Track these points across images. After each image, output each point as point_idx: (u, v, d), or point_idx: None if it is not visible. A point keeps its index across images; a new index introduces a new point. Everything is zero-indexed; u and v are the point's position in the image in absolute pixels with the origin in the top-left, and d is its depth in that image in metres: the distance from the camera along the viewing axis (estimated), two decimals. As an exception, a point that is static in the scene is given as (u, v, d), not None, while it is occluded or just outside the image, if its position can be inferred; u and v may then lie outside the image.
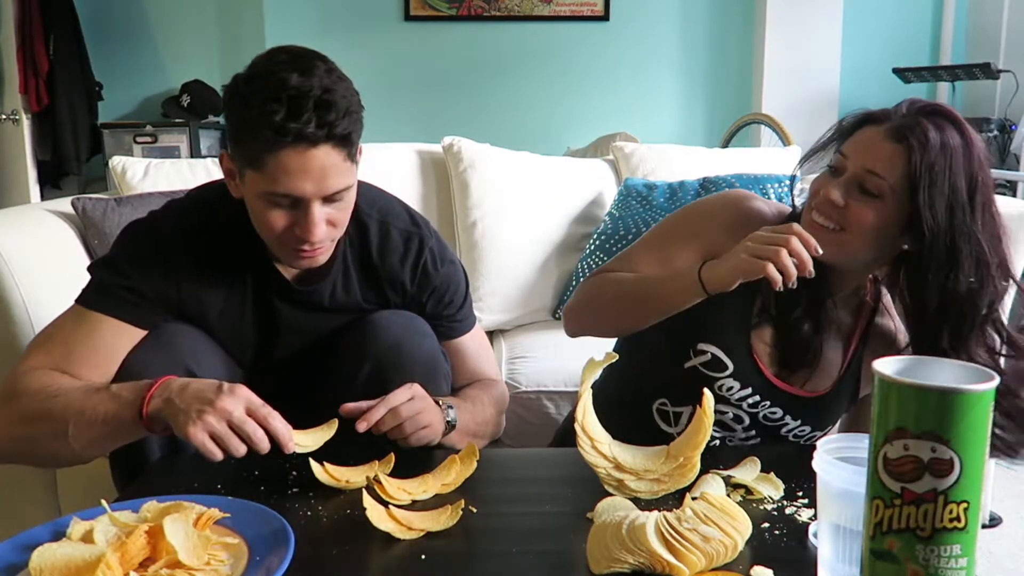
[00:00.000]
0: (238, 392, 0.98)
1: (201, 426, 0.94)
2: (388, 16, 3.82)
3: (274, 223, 1.07)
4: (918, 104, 1.07)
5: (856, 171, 1.06)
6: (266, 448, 0.97)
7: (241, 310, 1.20)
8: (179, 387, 0.99)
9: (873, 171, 1.05)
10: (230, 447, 0.95)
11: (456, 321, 1.33)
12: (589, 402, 1.02)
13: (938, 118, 1.05)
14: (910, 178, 1.03)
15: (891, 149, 1.04)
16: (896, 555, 0.63)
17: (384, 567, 0.85)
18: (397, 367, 1.16)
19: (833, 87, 3.79)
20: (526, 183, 2.17)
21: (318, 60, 1.04)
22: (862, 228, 1.06)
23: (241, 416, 0.96)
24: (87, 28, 3.62)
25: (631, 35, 3.87)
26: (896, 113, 1.07)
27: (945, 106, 1.08)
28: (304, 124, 0.99)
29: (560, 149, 3.51)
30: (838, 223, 1.07)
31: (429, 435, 1.11)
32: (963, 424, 0.59)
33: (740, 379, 1.18)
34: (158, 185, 1.97)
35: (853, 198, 1.06)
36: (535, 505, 0.98)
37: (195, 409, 0.95)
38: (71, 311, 1.14)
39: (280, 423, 0.98)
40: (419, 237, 1.26)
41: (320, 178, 1.03)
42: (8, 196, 3.54)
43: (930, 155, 1.02)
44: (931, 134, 1.03)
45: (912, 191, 1.03)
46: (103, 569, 0.74)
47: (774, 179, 2.08)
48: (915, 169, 1.02)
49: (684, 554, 0.78)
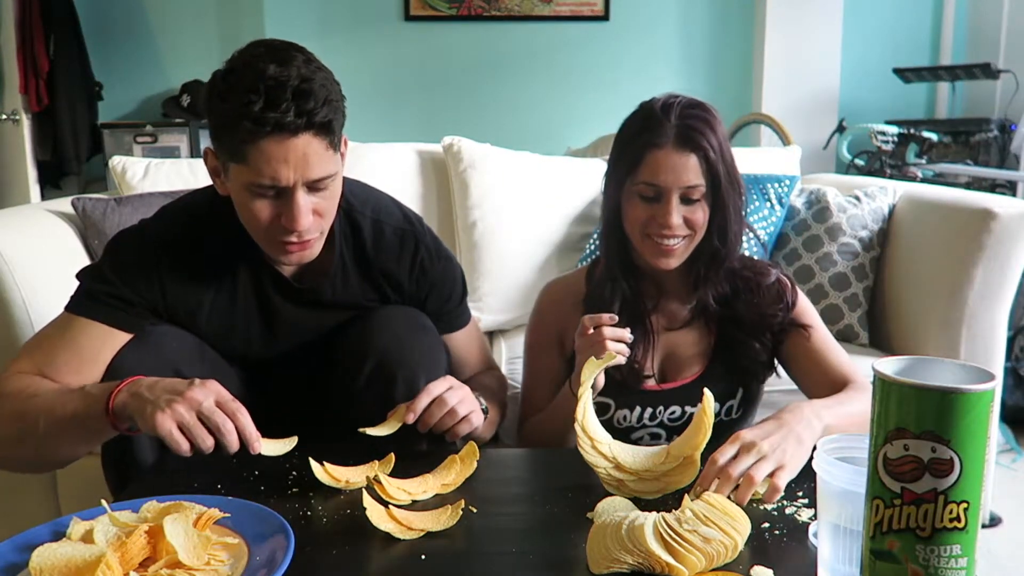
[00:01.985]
0: (209, 385, 0.98)
1: (169, 414, 0.94)
2: (388, 16, 3.82)
3: (260, 214, 1.07)
4: (676, 108, 1.20)
5: (674, 191, 1.19)
6: (235, 443, 0.96)
7: (235, 310, 1.20)
8: (149, 383, 0.99)
9: (688, 184, 1.18)
10: (197, 438, 0.94)
11: (455, 315, 1.34)
12: (589, 402, 1.02)
13: (695, 110, 1.20)
14: (712, 175, 1.19)
15: (686, 160, 1.18)
16: (896, 555, 0.63)
17: (384, 567, 0.85)
18: (399, 361, 1.16)
19: (833, 87, 3.79)
20: (526, 183, 2.17)
21: (295, 51, 1.04)
22: (702, 227, 1.22)
23: (210, 406, 0.96)
24: (87, 28, 3.61)
25: (631, 35, 3.87)
26: (667, 124, 1.19)
27: (689, 98, 1.22)
28: (283, 113, 0.99)
29: (560, 149, 3.51)
30: (686, 235, 1.22)
31: (474, 422, 1.13)
32: (963, 424, 0.59)
33: (627, 407, 1.28)
34: (158, 185, 1.97)
35: (687, 211, 1.20)
36: (535, 505, 0.98)
37: (164, 399, 0.95)
38: (59, 317, 1.15)
39: (248, 420, 0.98)
40: (413, 235, 1.27)
41: (302, 166, 1.03)
42: (8, 196, 3.54)
43: (713, 151, 1.18)
44: (706, 132, 1.18)
45: (715, 184, 1.20)
46: (103, 569, 0.74)
47: (774, 179, 2.08)
48: (712, 167, 1.18)
49: (683, 555, 0.78)
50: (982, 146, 3.25)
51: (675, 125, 1.18)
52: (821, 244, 1.96)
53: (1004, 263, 1.71)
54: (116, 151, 3.42)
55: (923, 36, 3.91)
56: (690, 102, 1.21)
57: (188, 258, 1.16)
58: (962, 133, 3.29)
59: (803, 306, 1.31)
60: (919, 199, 1.95)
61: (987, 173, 3.00)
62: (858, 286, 1.92)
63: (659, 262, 1.23)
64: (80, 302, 1.14)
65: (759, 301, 1.27)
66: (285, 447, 1.02)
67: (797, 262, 1.98)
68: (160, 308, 1.16)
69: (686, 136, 1.18)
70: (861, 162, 3.39)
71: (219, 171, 1.11)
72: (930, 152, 3.26)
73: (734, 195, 1.22)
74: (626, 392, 1.28)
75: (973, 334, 1.74)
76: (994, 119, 3.31)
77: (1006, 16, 3.60)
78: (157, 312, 1.16)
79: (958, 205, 1.80)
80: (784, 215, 2.05)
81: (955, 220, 1.78)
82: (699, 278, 1.28)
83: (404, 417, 1.08)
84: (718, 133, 1.20)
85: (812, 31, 3.74)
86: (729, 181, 1.21)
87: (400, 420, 1.09)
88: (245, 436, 0.97)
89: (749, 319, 1.27)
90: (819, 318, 1.33)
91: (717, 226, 1.23)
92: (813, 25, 3.74)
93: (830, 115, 3.71)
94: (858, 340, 1.91)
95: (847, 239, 1.95)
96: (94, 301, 1.13)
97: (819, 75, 3.78)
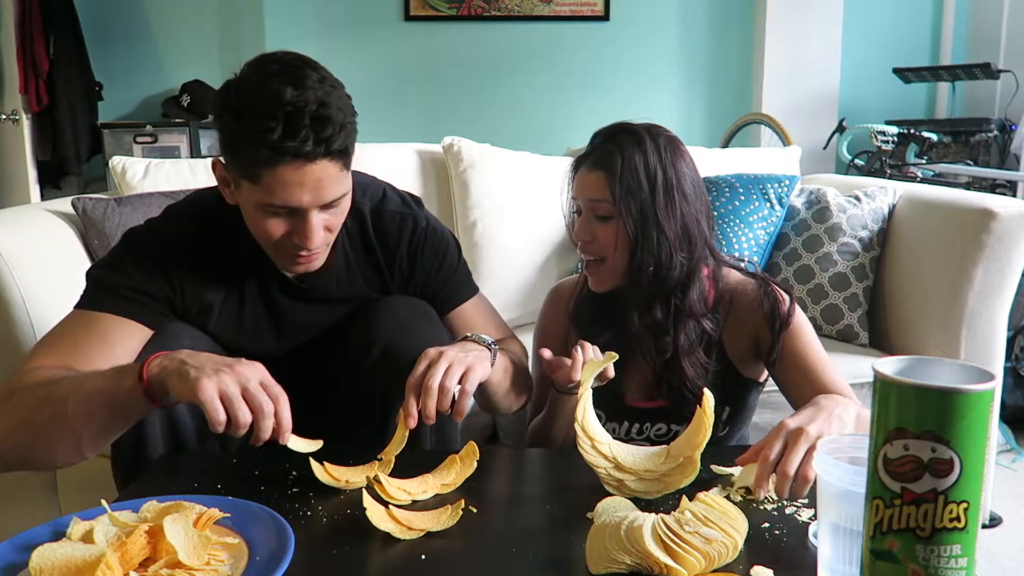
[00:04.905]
0: (256, 365, 0.95)
1: (216, 382, 0.89)
2: (388, 16, 3.82)
3: (272, 231, 1.07)
4: (603, 132, 1.24)
5: (585, 205, 1.23)
6: (269, 429, 0.92)
7: (243, 310, 1.21)
8: (189, 352, 0.96)
9: (594, 199, 1.21)
10: (238, 413, 0.90)
11: (461, 285, 1.32)
12: (589, 402, 1.02)
13: (620, 135, 1.22)
14: (611, 192, 1.19)
15: (596, 177, 1.21)
16: (896, 555, 0.63)
17: (384, 567, 0.85)
18: (404, 350, 1.16)
19: (833, 87, 3.79)
20: (526, 183, 2.17)
21: (309, 69, 1.02)
22: (612, 247, 1.22)
23: (256, 386, 0.92)
24: (87, 28, 3.61)
25: (631, 35, 3.87)
26: (593, 146, 1.24)
27: (625, 124, 1.24)
28: (301, 143, 0.99)
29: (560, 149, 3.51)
30: (597, 253, 1.23)
31: (479, 373, 1.07)
32: (963, 424, 0.59)
33: (615, 420, 1.29)
34: (158, 185, 1.97)
35: (596, 227, 1.22)
36: (535, 505, 0.98)
37: (211, 367, 0.92)
38: (73, 316, 1.12)
39: (287, 408, 0.95)
40: (412, 217, 1.28)
41: (317, 190, 1.03)
42: (8, 196, 3.54)
43: (617, 170, 1.19)
44: (618, 151, 1.20)
45: (616, 201, 1.19)
46: (103, 569, 0.74)
47: (774, 179, 2.08)
48: (611, 185, 1.19)
49: (682, 556, 0.78)
50: (982, 146, 3.25)
51: (598, 146, 1.23)
52: (821, 244, 1.96)
53: (1004, 263, 1.71)
54: (116, 151, 3.42)
55: (923, 36, 3.91)
56: (623, 127, 1.23)
57: (196, 259, 1.16)
58: (962, 133, 3.30)
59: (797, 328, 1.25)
60: (919, 199, 1.95)
61: (987, 173, 3.00)
62: (858, 286, 1.92)
63: (591, 283, 1.27)
64: (98, 297, 1.11)
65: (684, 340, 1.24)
66: (311, 447, 1.01)
67: (797, 262, 1.98)
68: (176, 305, 1.16)
69: (599, 156, 1.21)
70: (861, 162, 3.39)
71: (228, 182, 1.10)
72: (930, 152, 3.26)
73: (655, 218, 1.18)
74: (614, 405, 1.28)
75: (973, 334, 1.74)
76: (994, 119, 3.31)
77: (1006, 16, 3.60)
78: (174, 309, 1.16)
79: (958, 205, 1.80)
80: (784, 215, 2.05)
81: (955, 220, 1.78)
82: (629, 300, 1.24)
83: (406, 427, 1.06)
84: (639, 156, 1.19)
85: (812, 31, 3.74)
86: (645, 202, 1.18)
87: (405, 432, 1.05)
88: (281, 423, 0.93)
89: (678, 353, 1.24)
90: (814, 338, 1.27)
91: (633, 249, 1.20)
92: (813, 25, 3.74)
93: (830, 115, 3.72)
94: (858, 340, 1.91)
95: (847, 239, 1.95)
96: (114, 295, 1.11)
97: (819, 75, 3.78)
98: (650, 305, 1.23)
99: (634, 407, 1.30)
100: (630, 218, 1.18)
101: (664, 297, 1.23)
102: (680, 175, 1.21)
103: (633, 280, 1.22)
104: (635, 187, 1.18)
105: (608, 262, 1.23)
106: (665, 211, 1.19)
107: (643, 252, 1.20)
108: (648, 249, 1.19)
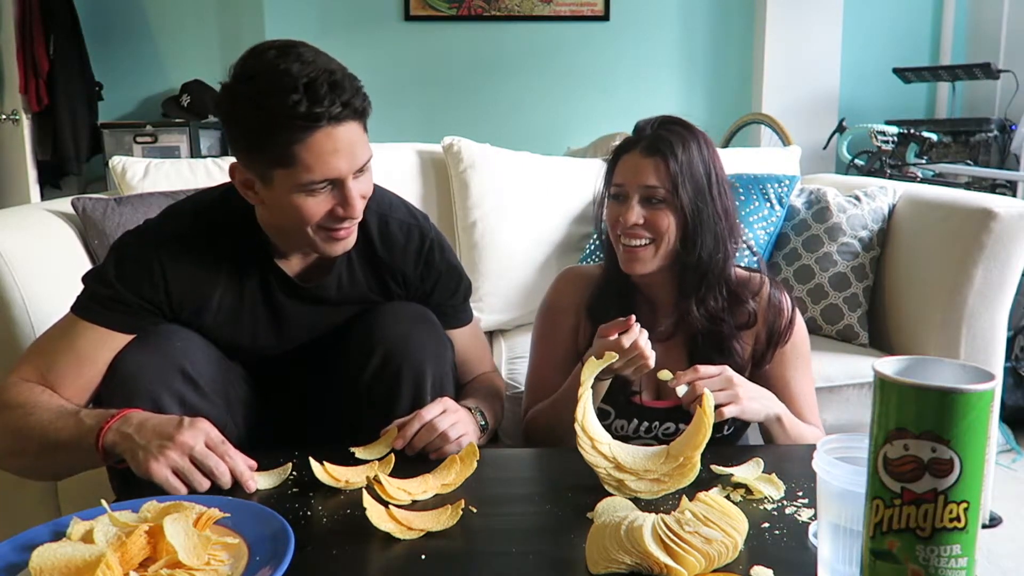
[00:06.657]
0: (198, 425, 1.00)
1: (164, 462, 0.96)
2: (388, 16, 3.82)
3: (315, 211, 1.09)
4: (651, 121, 1.28)
5: (637, 191, 1.24)
6: (228, 482, 0.99)
7: (242, 308, 1.21)
8: (138, 422, 1.00)
9: (650, 184, 1.23)
10: (193, 482, 0.97)
11: (459, 311, 1.34)
12: (589, 402, 1.02)
13: (673, 125, 1.26)
14: (671, 179, 1.22)
15: (653, 163, 1.23)
16: (896, 555, 0.63)
17: (384, 567, 0.85)
18: (405, 355, 1.17)
19: (833, 87, 3.79)
20: (526, 183, 2.17)
21: (302, 47, 1.06)
22: (666, 232, 1.24)
23: (203, 450, 0.98)
24: (87, 28, 3.61)
25: (631, 35, 3.87)
26: (642, 134, 1.27)
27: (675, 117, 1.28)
28: (328, 106, 1.02)
29: (560, 149, 3.51)
30: (648, 237, 1.25)
31: (468, 440, 1.12)
32: (963, 424, 0.59)
33: (625, 417, 1.30)
34: (158, 185, 1.97)
35: (648, 212, 1.24)
36: (535, 505, 0.98)
37: (155, 445, 0.97)
38: (63, 319, 1.16)
39: (239, 460, 1.00)
40: (419, 229, 1.28)
41: (351, 154, 1.06)
42: (8, 196, 3.54)
43: (678, 156, 1.23)
44: (674, 141, 1.23)
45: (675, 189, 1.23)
46: (103, 569, 0.74)
47: (774, 179, 2.08)
48: (672, 172, 1.22)
49: (682, 556, 0.78)
50: (982, 146, 3.25)
51: (649, 134, 1.25)
52: (821, 244, 1.96)
53: (1004, 263, 1.71)
54: (116, 151, 3.42)
55: (923, 36, 3.91)
56: (671, 119, 1.27)
57: (193, 257, 1.16)
58: (962, 133, 3.30)
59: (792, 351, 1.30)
60: (919, 199, 1.95)
61: (987, 173, 3.00)
62: (858, 286, 1.92)
63: (628, 266, 1.27)
64: (82, 305, 1.15)
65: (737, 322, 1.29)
66: (279, 477, 1.04)
67: (797, 262, 1.98)
68: (165, 309, 1.16)
69: (654, 143, 1.24)
70: (861, 162, 3.39)
71: (253, 183, 1.10)
72: (930, 152, 3.26)
73: (709, 209, 1.24)
74: (624, 403, 1.29)
75: (973, 334, 1.74)
76: (994, 119, 3.31)
77: (1006, 16, 3.60)
78: (162, 312, 1.16)
79: (958, 205, 1.80)
80: (784, 215, 2.05)
81: (955, 220, 1.78)
82: (682, 290, 1.28)
83: (394, 442, 1.10)
84: (693, 148, 1.24)
85: (812, 31, 3.74)
86: (698, 193, 1.23)
87: (391, 443, 1.10)
88: (238, 477, 0.99)
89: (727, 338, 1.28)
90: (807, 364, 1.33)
91: (691, 238, 1.24)
92: (813, 25, 3.74)
93: (830, 115, 3.71)
94: (858, 340, 1.91)
95: (847, 239, 1.95)
96: (96, 303, 1.14)
97: (819, 75, 3.78)
98: (705, 294, 1.27)
99: (646, 406, 1.30)
100: (689, 204, 1.23)
101: (717, 285, 1.28)
102: (721, 168, 1.28)
103: (684, 268, 1.27)
104: (696, 174, 1.23)
105: (658, 246, 1.25)
106: (718, 200, 1.25)
107: (700, 236, 1.24)
108: (703, 233, 1.24)
